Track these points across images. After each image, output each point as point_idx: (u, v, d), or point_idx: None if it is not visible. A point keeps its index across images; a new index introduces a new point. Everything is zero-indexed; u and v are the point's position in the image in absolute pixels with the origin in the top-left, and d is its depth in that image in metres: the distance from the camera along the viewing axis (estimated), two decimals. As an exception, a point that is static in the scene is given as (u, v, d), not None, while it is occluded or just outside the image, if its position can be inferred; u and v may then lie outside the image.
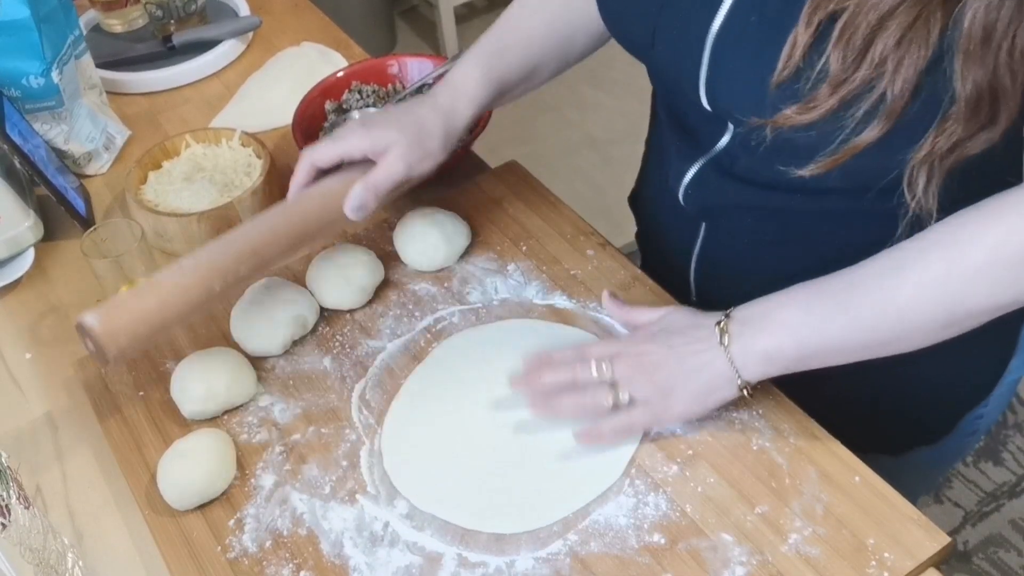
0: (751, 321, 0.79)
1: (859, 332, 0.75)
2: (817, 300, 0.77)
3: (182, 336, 1.00)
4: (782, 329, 0.77)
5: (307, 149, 0.94)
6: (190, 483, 0.84)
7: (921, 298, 0.73)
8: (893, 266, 0.74)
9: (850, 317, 0.75)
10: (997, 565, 1.80)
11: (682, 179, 0.93)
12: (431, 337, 0.97)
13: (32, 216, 1.11)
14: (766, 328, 0.78)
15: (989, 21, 0.65)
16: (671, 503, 0.81)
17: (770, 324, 0.78)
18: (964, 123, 0.69)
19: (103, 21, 1.47)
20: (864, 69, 0.69)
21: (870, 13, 0.68)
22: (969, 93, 0.68)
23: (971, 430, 1.03)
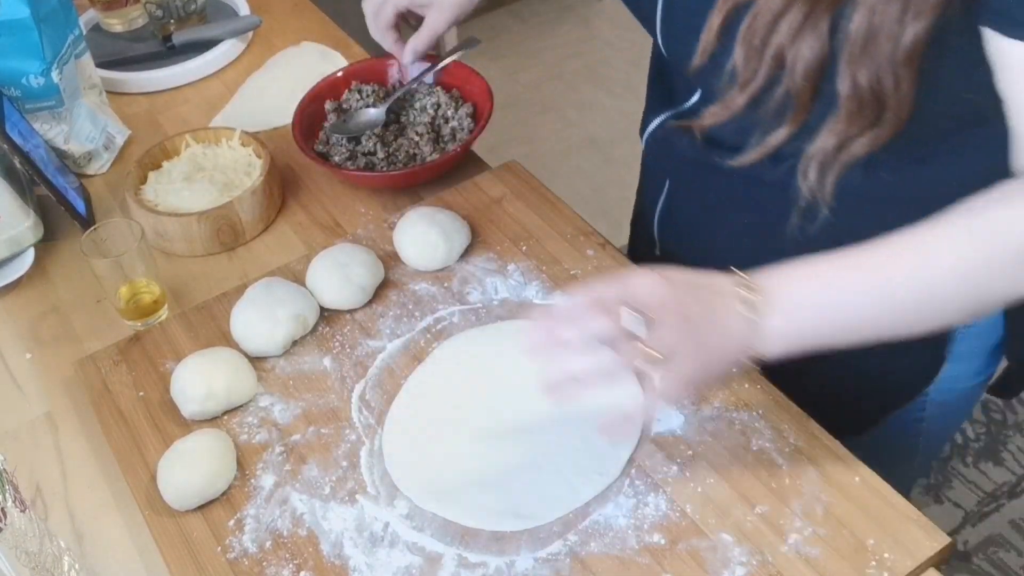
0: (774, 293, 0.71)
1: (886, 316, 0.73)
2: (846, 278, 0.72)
3: (182, 336, 1.00)
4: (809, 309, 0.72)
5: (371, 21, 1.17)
6: (190, 483, 0.84)
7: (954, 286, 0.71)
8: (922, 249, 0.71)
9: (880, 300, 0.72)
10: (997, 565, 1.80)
11: (647, 128, 0.96)
12: (431, 337, 0.97)
13: (32, 216, 1.11)
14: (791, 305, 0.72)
15: (873, 24, 0.67)
16: (671, 503, 0.81)
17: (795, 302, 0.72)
18: (847, 123, 0.71)
19: (103, 21, 1.47)
20: (764, 66, 0.72)
21: (766, 15, 0.71)
22: (850, 93, 0.70)
23: (911, 433, 1.03)
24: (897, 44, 0.67)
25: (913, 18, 0.66)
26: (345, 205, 1.15)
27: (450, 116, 1.19)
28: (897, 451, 1.07)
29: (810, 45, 0.70)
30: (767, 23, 0.71)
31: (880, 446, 1.03)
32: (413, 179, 1.14)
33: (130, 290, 1.02)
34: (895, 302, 0.72)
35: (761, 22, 0.71)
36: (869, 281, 0.72)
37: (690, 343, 0.71)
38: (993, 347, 0.96)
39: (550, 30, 3.15)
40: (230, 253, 1.12)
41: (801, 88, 0.71)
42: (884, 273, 0.71)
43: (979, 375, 1.00)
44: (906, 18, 0.66)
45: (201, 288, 1.08)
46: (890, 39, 0.67)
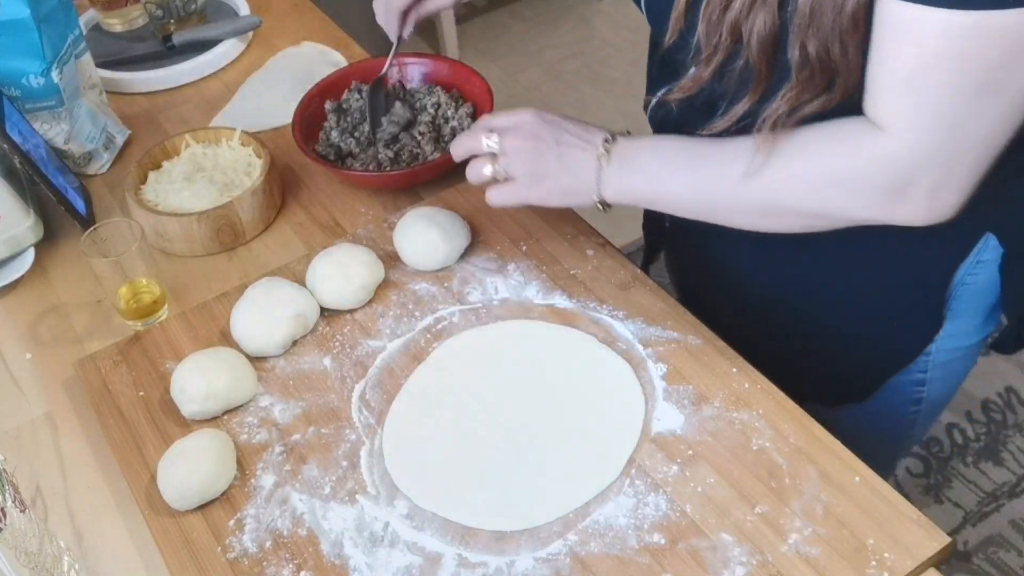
0: (626, 155, 0.89)
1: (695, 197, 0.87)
2: (675, 159, 0.87)
3: (182, 336, 1.00)
4: (643, 174, 0.89)
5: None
6: (190, 483, 0.84)
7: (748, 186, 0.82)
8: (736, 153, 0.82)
9: (692, 182, 0.86)
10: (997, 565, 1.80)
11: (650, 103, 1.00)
12: (431, 337, 0.97)
13: (32, 216, 1.11)
14: (634, 167, 0.89)
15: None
16: (671, 503, 0.81)
17: (638, 165, 0.89)
18: (800, 89, 0.76)
19: (103, 21, 1.47)
20: (724, 41, 0.77)
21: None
22: (800, 62, 0.74)
23: (913, 397, 1.05)
24: (841, 12, 0.71)
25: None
26: (345, 205, 1.15)
27: (450, 116, 1.19)
28: (902, 415, 1.08)
29: (763, 19, 0.75)
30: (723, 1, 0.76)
31: (884, 411, 1.06)
32: (413, 179, 1.14)
33: (130, 290, 1.02)
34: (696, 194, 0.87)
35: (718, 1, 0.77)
36: (686, 170, 0.86)
37: (526, 174, 0.92)
38: (992, 305, 0.98)
39: (550, 30, 3.15)
40: (230, 253, 1.12)
41: (758, 60, 0.76)
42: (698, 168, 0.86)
43: (979, 332, 1.01)
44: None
45: (201, 288, 1.08)
46: (834, 9, 0.71)
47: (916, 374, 1.03)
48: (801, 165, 0.79)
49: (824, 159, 0.79)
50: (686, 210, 0.89)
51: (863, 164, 0.77)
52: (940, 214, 0.77)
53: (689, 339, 0.93)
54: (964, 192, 0.76)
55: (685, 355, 0.92)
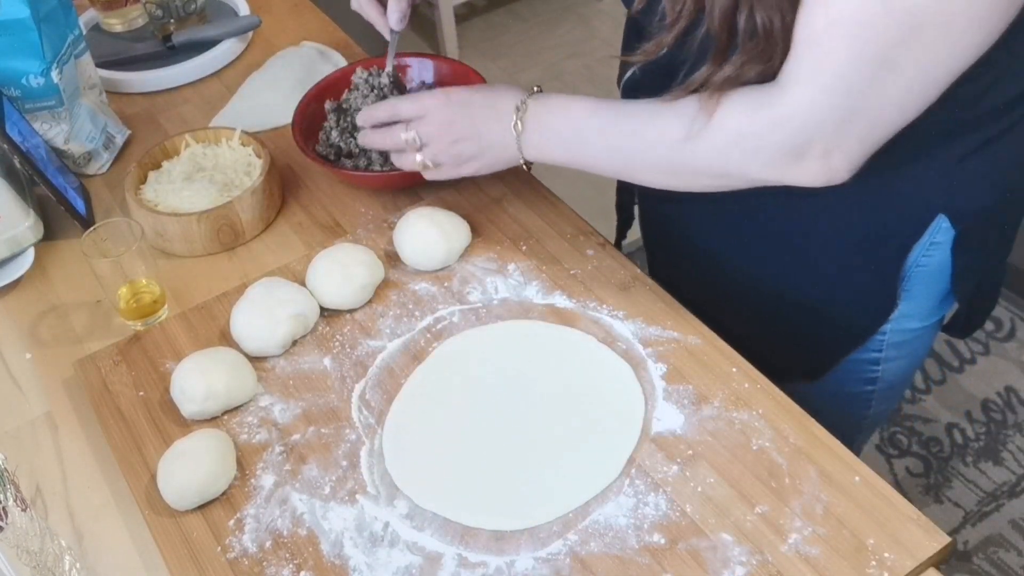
0: (540, 121, 0.94)
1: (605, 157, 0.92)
2: (587, 121, 0.91)
3: (182, 336, 1.00)
4: (557, 137, 0.93)
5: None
6: (190, 483, 0.84)
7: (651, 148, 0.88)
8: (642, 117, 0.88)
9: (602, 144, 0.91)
10: (997, 565, 1.80)
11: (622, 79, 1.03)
12: (431, 337, 0.97)
13: (32, 216, 1.11)
14: (549, 130, 0.93)
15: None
16: (671, 503, 0.81)
17: (551, 128, 0.93)
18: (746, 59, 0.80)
19: (103, 21, 1.47)
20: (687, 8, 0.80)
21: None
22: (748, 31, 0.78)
23: (867, 377, 1.07)
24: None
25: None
26: (345, 205, 1.15)
27: (450, 116, 1.19)
28: (856, 395, 1.10)
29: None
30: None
31: (839, 389, 1.08)
32: (413, 179, 1.14)
33: (130, 290, 1.02)
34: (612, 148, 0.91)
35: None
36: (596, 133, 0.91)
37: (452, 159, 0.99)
38: (946, 288, 0.99)
39: (550, 30, 3.15)
40: (230, 253, 1.12)
41: (720, 28, 0.79)
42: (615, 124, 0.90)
43: (934, 315, 1.03)
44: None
45: (201, 288, 1.08)
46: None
47: (871, 353, 1.04)
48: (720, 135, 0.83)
49: (729, 118, 0.82)
50: (600, 170, 0.94)
51: (761, 123, 0.80)
52: (832, 177, 0.81)
53: (689, 339, 0.93)
54: (855, 159, 0.80)
55: (685, 355, 0.92)
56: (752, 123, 0.81)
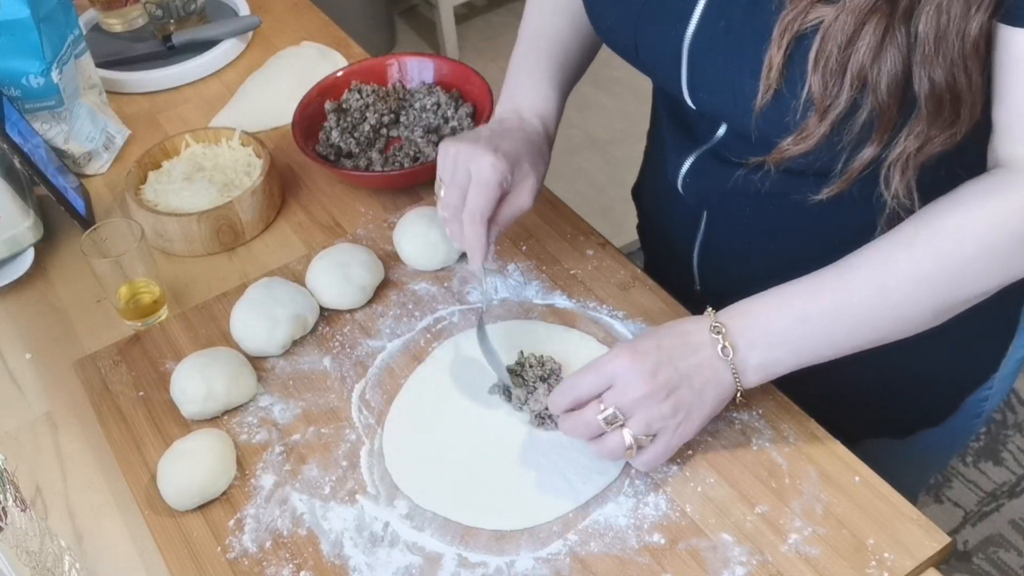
0: (747, 333, 0.79)
1: (854, 335, 0.78)
2: (813, 307, 0.77)
3: (182, 336, 1.00)
4: (781, 341, 0.78)
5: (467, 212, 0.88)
6: (190, 483, 0.84)
7: (915, 295, 0.75)
8: (882, 265, 0.76)
9: (846, 321, 0.77)
10: (997, 565, 1.80)
11: (680, 169, 0.94)
12: (431, 337, 0.97)
13: (32, 216, 1.11)
14: (765, 341, 0.78)
15: (941, 22, 0.68)
16: (671, 503, 0.81)
17: (768, 337, 0.78)
18: (928, 124, 0.72)
19: (103, 21, 1.47)
20: (846, 90, 0.71)
21: (838, 36, 0.70)
22: (928, 94, 0.70)
23: (977, 411, 1.04)
24: (965, 38, 0.68)
25: (976, 11, 0.68)
26: (345, 205, 1.15)
27: (450, 116, 1.19)
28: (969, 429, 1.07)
29: (892, 59, 0.70)
30: (842, 45, 0.70)
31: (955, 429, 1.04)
32: (413, 179, 1.14)
33: (130, 290, 1.02)
34: (859, 318, 0.77)
35: (834, 45, 0.70)
36: (833, 302, 0.77)
37: (674, 419, 0.78)
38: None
39: (550, 30, 3.15)
40: (230, 253, 1.12)
41: (887, 104, 0.71)
42: (845, 292, 0.76)
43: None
44: (971, 12, 0.68)
45: (201, 288, 1.08)
46: (959, 34, 0.68)
47: (985, 390, 1.02)
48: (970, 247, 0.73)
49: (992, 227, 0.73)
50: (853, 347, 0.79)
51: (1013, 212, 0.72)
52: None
53: (689, 339, 0.93)
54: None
55: (685, 355, 0.92)
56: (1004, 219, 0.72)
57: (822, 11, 0.71)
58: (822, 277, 0.78)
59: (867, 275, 0.76)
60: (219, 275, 1.09)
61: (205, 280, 1.09)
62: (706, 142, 0.90)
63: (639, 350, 0.78)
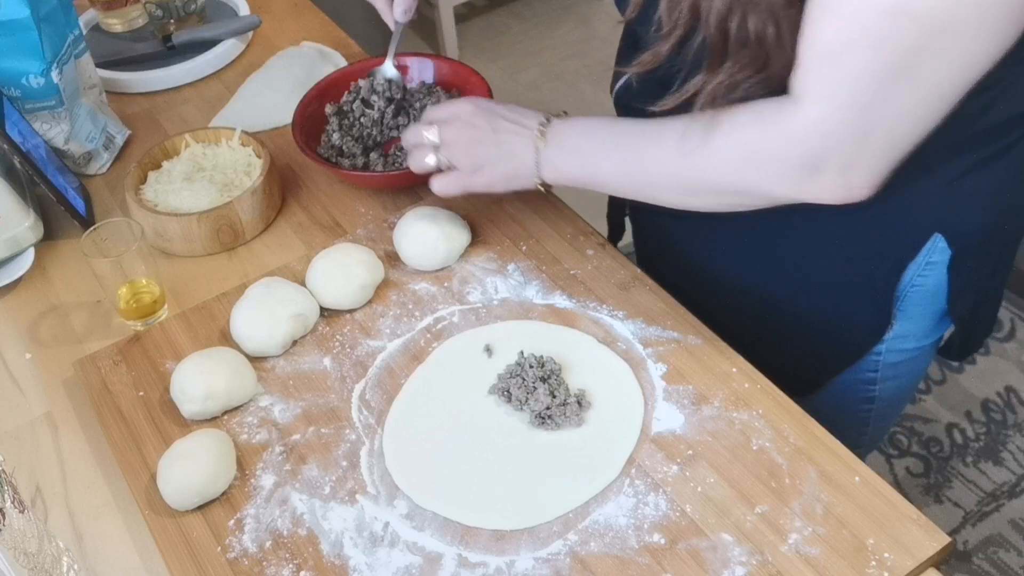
0: (561, 137, 0.92)
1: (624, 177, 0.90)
2: (606, 139, 0.90)
3: (182, 336, 1.00)
4: (576, 155, 0.92)
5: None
6: (190, 483, 0.84)
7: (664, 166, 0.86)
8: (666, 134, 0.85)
9: (619, 162, 0.89)
10: (997, 565, 1.80)
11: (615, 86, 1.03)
12: (431, 337, 0.97)
13: (32, 216, 1.11)
14: (568, 148, 0.92)
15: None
16: (671, 503, 0.81)
17: (572, 147, 0.92)
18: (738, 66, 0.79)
19: (103, 21, 1.47)
20: (683, 16, 0.79)
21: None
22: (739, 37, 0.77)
23: (862, 396, 1.07)
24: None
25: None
26: (345, 205, 1.15)
27: (450, 116, 1.19)
28: (851, 414, 1.10)
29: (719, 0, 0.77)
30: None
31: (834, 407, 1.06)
32: (413, 179, 1.14)
33: (130, 290, 1.02)
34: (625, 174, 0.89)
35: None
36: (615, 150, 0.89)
37: (468, 162, 0.97)
38: (942, 310, 0.99)
39: (550, 30, 3.15)
40: (230, 253, 1.12)
41: (715, 36, 0.78)
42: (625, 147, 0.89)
43: (930, 335, 1.02)
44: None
45: (201, 288, 1.08)
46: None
47: (866, 373, 1.04)
48: (721, 141, 0.81)
49: (741, 133, 0.80)
50: (617, 189, 0.93)
51: (775, 138, 0.78)
52: (851, 194, 0.79)
53: (689, 339, 0.93)
54: (875, 175, 0.77)
55: (685, 355, 0.92)
56: (765, 138, 0.79)
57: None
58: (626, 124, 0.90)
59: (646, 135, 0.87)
60: (219, 275, 1.09)
61: (205, 280, 1.09)
62: None
63: (481, 106, 0.98)
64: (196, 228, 1.09)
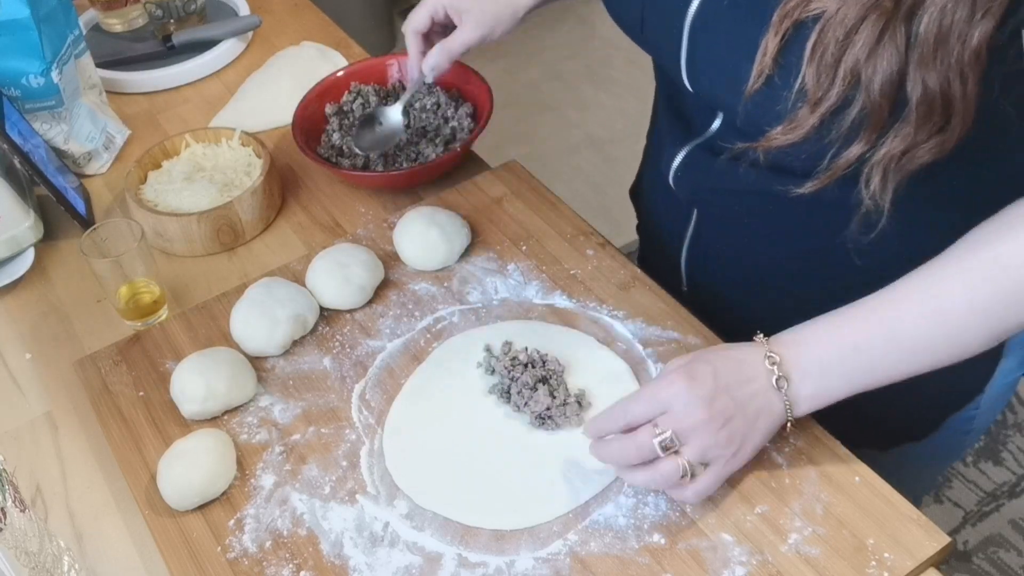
0: (801, 364, 0.77)
1: (906, 363, 0.76)
2: (865, 336, 0.76)
3: (182, 336, 1.00)
4: (835, 372, 0.77)
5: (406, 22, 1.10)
6: (190, 483, 0.84)
7: (969, 321, 0.74)
8: (936, 291, 0.74)
9: (901, 350, 0.75)
10: (997, 565, 1.80)
11: (673, 162, 0.94)
12: (431, 337, 0.97)
13: (32, 216, 1.11)
14: (818, 372, 0.77)
15: (944, 24, 0.66)
16: (671, 503, 0.81)
17: (822, 367, 0.77)
18: (916, 128, 0.70)
19: (103, 21, 1.47)
20: (838, 85, 0.70)
21: (837, 29, 0.69)
22: (920, 98, 0.69)
23: (964, 429, 1.03)
24: (966, 43, 0.67)
25: (981, 17, 0.66)
26: (345, 205, 1.15)
27: (450, 116, 1.19)
28: (955, 446, 1.06)
29: (888, 58, 0.68)
30: (839, 38, 0.69)
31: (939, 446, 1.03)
32: (413, 179, 1.14)
33: (130, 290, 1.02)
34: (913, 346, 0.75)
35: (832, 37, 0.69)
36: (886, 330, 0.75)
37: (729, 448, 0.76)
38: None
39: (550, 30, 3.15)
40: (230, 253, 1.12)
41: (878, 103, 0.70)
42: (898, 319, 0.75)
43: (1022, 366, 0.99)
44: (975, 18, 0.66)
45: (201, 288, 1.08)
46: (959, 39, 0.66)
47: (970, 410, 1.01)
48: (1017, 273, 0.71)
49: None
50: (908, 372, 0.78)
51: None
52: None
53: (689, 339, 0.93)
54: None
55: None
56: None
57: (825, 1, 0.70)
58: (874, 303, 0.76)
59: (920, 302, 0.74)
60: (219, 275, 1.09)
61: (205, 280, 1.09)
62: (700, 134, 0.90)
63: (695, 376, 0.76)
64: (196, 228, 1.09)
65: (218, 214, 1.09)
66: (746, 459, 0.79)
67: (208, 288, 1.07)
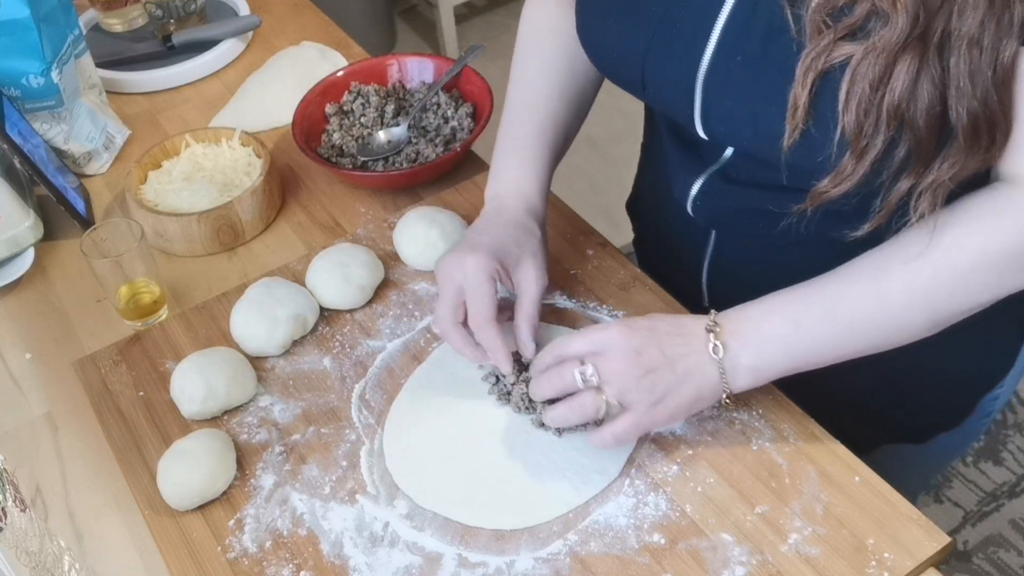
0: (741, 334, 0.79)
1: (848, 341, 0.78)
2: (806, 312, 0.78)
3: (182, 336, 1.00)
4: (774, 344, 0.79)
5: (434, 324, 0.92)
6: (190, 483, 0.84)
7: (910, 305, 0.76)
8: (878, 274, 0.76)
9: (840, 327, 0.77)
10: (997, 565, 1.80)
11: (689, 191, 0.92)
12: (431, 337, 0.97)
13: (32, 216, 1.11)
14: (758, 342, 0.79)
15: (974, 56, 0.67)
16: (671, 503, 0.81)
17: (761, 339, 0.79)
18: (966, 152, 0.71)
19: (103, 21, 1.47)
20: (883, 131, 0.70)
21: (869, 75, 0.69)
22: (966, 125, 0.69)
23: (988, 411, 1.04)
24: (997, 68, 0.68)
25: (1009, 39, 0.67)
26: (345, 205, 1.15)
27: (450, 116, 1.19)
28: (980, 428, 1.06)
29: (927, 95, 0.68)
30: (873, 84, 0.69)
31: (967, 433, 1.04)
32: (413, 179, 1.14)
33: (130, 290, 1.02)
34: (851, 324, 0.77)
35: (865, 84, 0.69)
36: (827, 309, 0.77)
37: (648, 395, 0.78)
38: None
39: (550, 30, 3.15)
40: (230, 253, 1.12)
41: (925, 138, 0.70)
42: (839, 297, 0.77)
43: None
44: (1003, 42, 0.67)
45: (201, 288, 1.08)
46: (991, 65, 0.68)
47: (996, 390, 1.01)
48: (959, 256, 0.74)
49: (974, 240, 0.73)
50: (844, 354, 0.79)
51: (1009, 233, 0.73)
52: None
53: (689, 339, 0.93)
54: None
55: (685, 355, 0.92)
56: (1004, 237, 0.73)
57: (847, 49, 0.69)
58: (820, 284, 0.78)
59: (864, 283, 0.77)
60: (219, 275, 1.09)
61: (205, 280, 1.09)
62: (713, 163, 0.89)
63: (632, 326, 0.80)
64: (196, 228, 1.09)
65: (218, 214, 1.09)
66: (668, 416, 0.80)
67: (208, 288, 1.07)
